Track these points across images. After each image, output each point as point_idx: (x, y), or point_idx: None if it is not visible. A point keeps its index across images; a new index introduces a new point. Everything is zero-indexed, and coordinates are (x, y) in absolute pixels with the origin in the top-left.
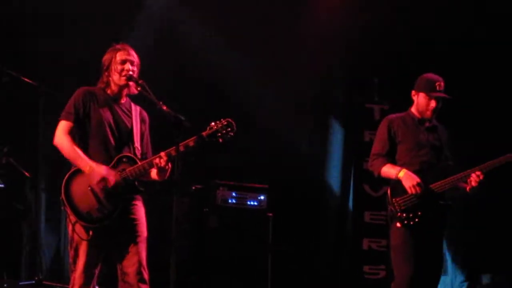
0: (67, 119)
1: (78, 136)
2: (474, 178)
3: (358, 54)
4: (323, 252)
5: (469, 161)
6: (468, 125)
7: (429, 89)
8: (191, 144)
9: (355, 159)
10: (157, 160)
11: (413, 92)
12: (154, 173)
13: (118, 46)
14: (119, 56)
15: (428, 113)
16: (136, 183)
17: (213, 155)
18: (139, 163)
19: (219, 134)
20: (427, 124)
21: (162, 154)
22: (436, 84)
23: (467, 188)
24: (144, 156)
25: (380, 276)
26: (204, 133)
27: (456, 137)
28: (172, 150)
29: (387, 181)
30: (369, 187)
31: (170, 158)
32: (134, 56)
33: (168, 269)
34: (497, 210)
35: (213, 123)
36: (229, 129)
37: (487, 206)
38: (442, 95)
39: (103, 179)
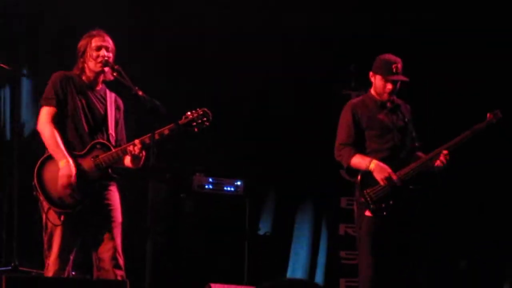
0: (48, 104)
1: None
2: (441, 158)
3: (334, 40)
4: (300, 237)
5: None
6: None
7: (386, 72)
8: (166, 132)
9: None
10: (131, 148)
11: (370, 73)
12: (127, 161)
13: (94, 32)
14: (95, 43)
15: (385, 95)
16: (109, 170)
17: (191, 141)
18: (113, 150)
19: (194, 124)
20: (389, 105)
21: (136, 141)
22: (393, 66)
23: (435, 167)
24: (118, 143)
25: (357, 262)
26: (179, 122)
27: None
28: (146, 138)
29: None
30: (345, 172)
31: (144, 146)
32: (110, 42)
33: (143, 255)
34: (459, 187)
35: (189, 113)
36: (205, 118)
37: (449, 184)
38: (399, 78)
39: (68, 177)
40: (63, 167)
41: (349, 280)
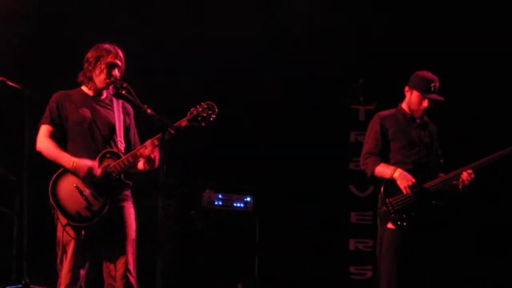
0: (44, 123)
1: (60, 139)
2: (466, 177)
3: (343, 55)
4: (309, 253)
5: (456, 159)
6: (453, 123)
7: (424, 90)
8: (173, 131)
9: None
10: (142, 150)
11: (406, 88)
12: (141, 164)
13: (109, 48)
14: (110, 59)
15: (420, 112)
16: (122, 176)
17: (200, 156)
18: (123, 157)
19: (200, 118)
20: (418, 121)
21: (147, 143)
22: (432, 85)
23: (459, 186)
24: (131, 149)
25: (367, 277)
26: (184, 119)
27: (441, 135)
28: (155, 140)
29: (374, 181)
30: (355, 188)
31: (155, 146)
32: (122, 60)
33: (154, 271)
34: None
35: (192, 108)
36: (210, 111)
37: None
38: (437, 97)
39: (90, 170)
40: (75, 165)
41: None
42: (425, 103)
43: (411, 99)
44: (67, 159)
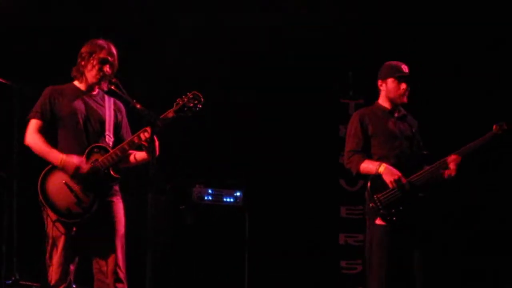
0: (34, 117)
1: (50, 133)
2: (452, 163)
3: (332, 49)
4: (299, 248)
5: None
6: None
7: (397, 72)
8: (160, 125)
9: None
10: (144, 134)
11: (379, 82)
12: (140, 155)
13: (102, 43)
14: (102, 55)
15: (403, 97)
16: (111, 171)
17: (190, 151)
18: (111, 151)
19: (186, 109)
20: (396, 114)
21: (148, 129)
22: (402, 67)
23: (445, 174)
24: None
25: (357, 271)
26: (171, 110)
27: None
28: (141, 133)
29: (364, 176)
30: (344, 182)
31: (155, 131)
32: (115, 57)
33: (144, 267)
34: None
35: (178, 99)
36: (196, 101)
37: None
38: (407, 74)
39: (77, 169)
40: (63, 163)
41: None
42: (403, 86)
43: (389, 88)
44: (55, 156)
